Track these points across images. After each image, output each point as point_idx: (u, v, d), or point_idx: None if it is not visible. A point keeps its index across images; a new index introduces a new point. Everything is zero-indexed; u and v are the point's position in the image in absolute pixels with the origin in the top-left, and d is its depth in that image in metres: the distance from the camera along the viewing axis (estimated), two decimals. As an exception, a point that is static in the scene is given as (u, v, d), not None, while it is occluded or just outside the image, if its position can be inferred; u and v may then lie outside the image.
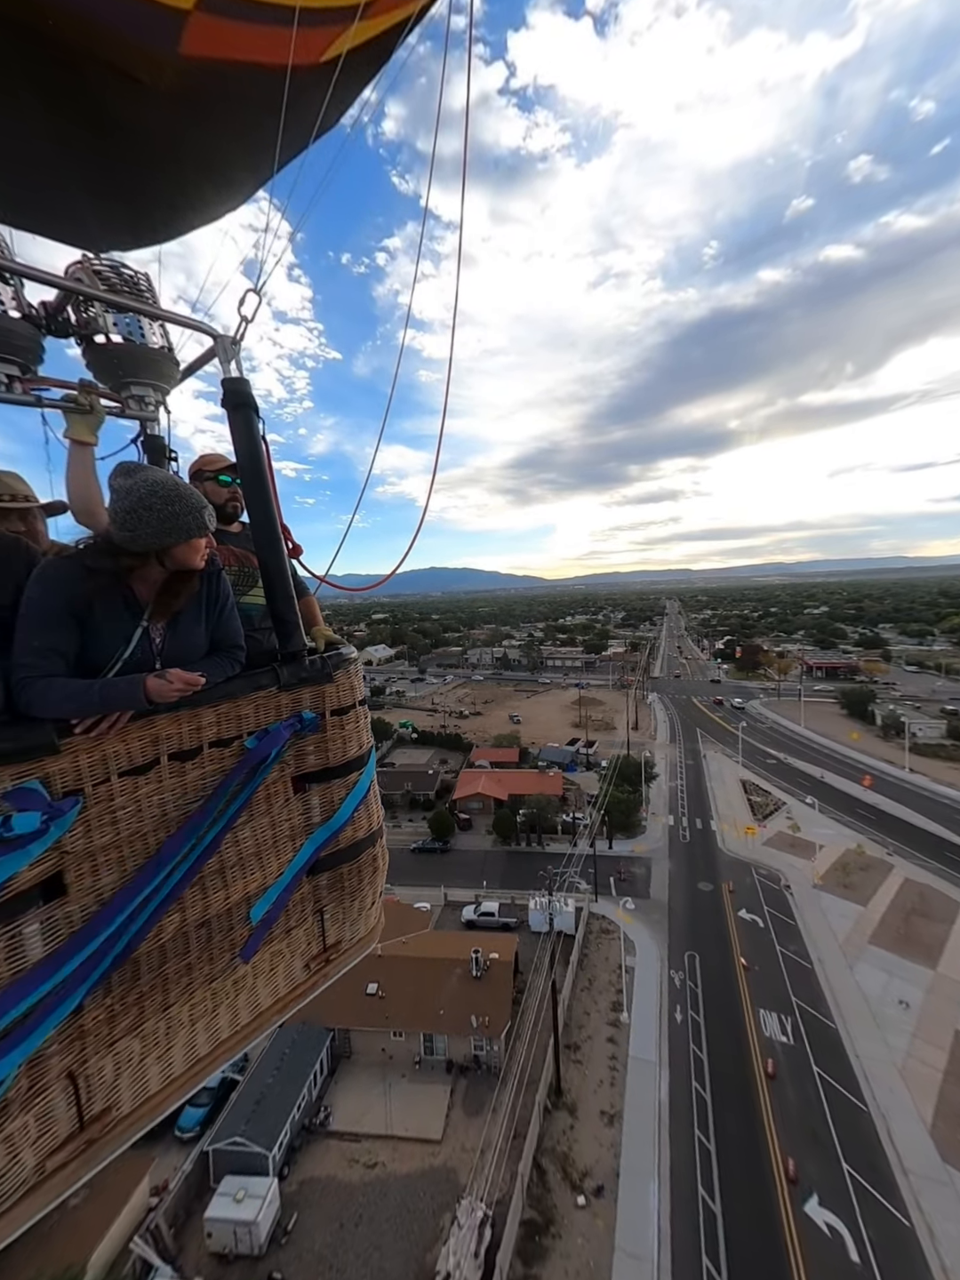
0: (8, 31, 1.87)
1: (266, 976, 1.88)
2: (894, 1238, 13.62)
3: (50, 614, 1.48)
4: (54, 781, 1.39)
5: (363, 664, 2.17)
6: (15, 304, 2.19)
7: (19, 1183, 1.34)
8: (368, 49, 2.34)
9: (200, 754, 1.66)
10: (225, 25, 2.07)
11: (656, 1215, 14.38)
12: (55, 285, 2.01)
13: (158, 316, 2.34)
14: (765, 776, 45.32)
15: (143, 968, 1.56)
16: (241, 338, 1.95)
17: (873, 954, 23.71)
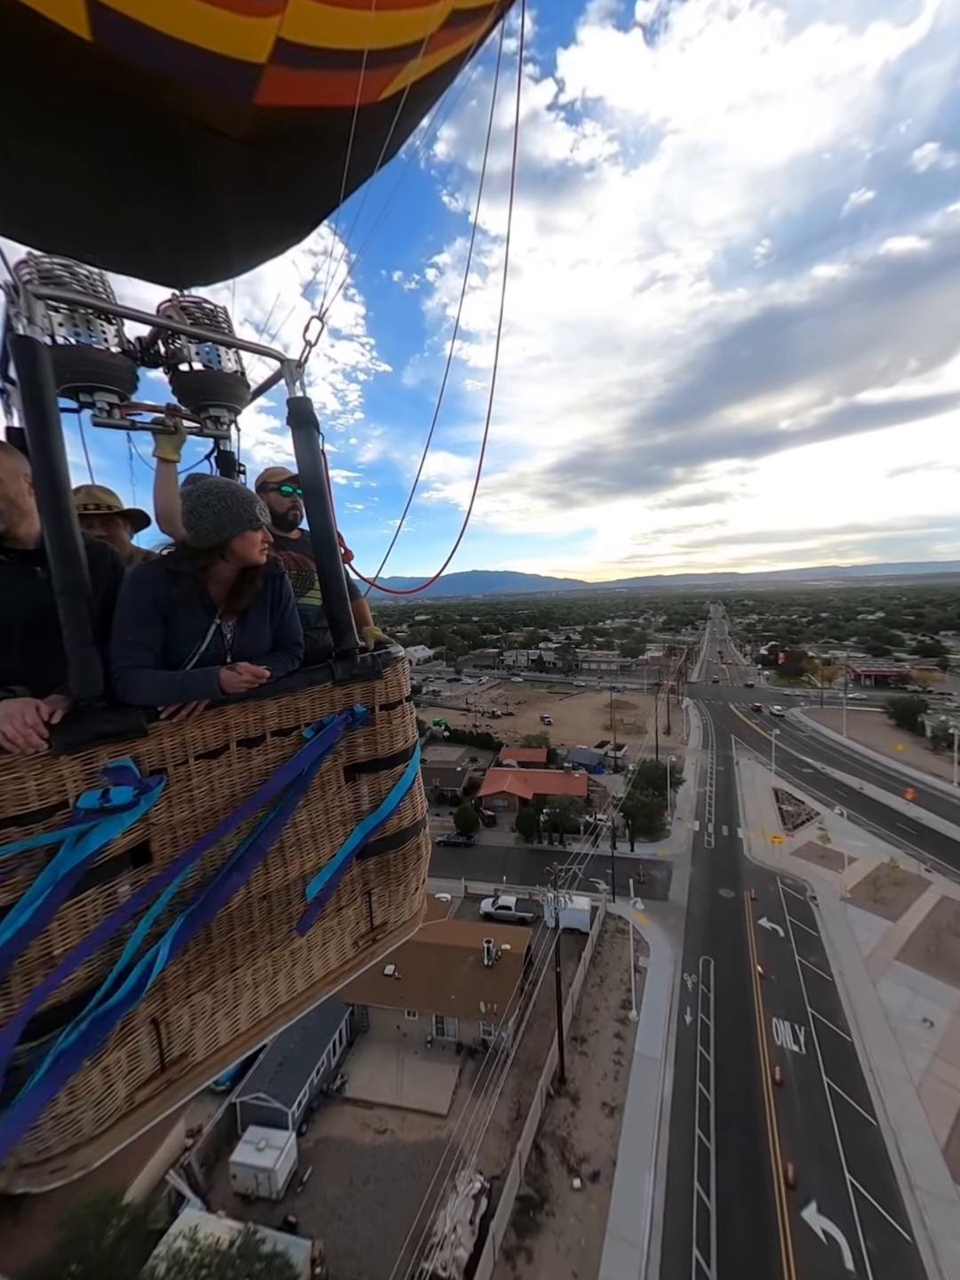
0: (98, 96, 2.06)
1: (319, 949, 2.02)
2: (894, 1251, 13.32)
3: (140, 612, 1.64)
4: (143, 761, 1.54)
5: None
6: (116, 341, 2.36)
7: (113, 1110, 1.51)
8: (428, 81, 2.42)
9: (264, 741, 1.81)
10: (297, 75, 2.16)
11: (650, 1205, 14.58)
12: (151, 323, 2.21)
13: (233, 345, 2.46)
14: (800, 786, 43.71)
15: (214, 932, 1.71)
16: (305, 360, 2.09)
17: (899, 970, 22.77)
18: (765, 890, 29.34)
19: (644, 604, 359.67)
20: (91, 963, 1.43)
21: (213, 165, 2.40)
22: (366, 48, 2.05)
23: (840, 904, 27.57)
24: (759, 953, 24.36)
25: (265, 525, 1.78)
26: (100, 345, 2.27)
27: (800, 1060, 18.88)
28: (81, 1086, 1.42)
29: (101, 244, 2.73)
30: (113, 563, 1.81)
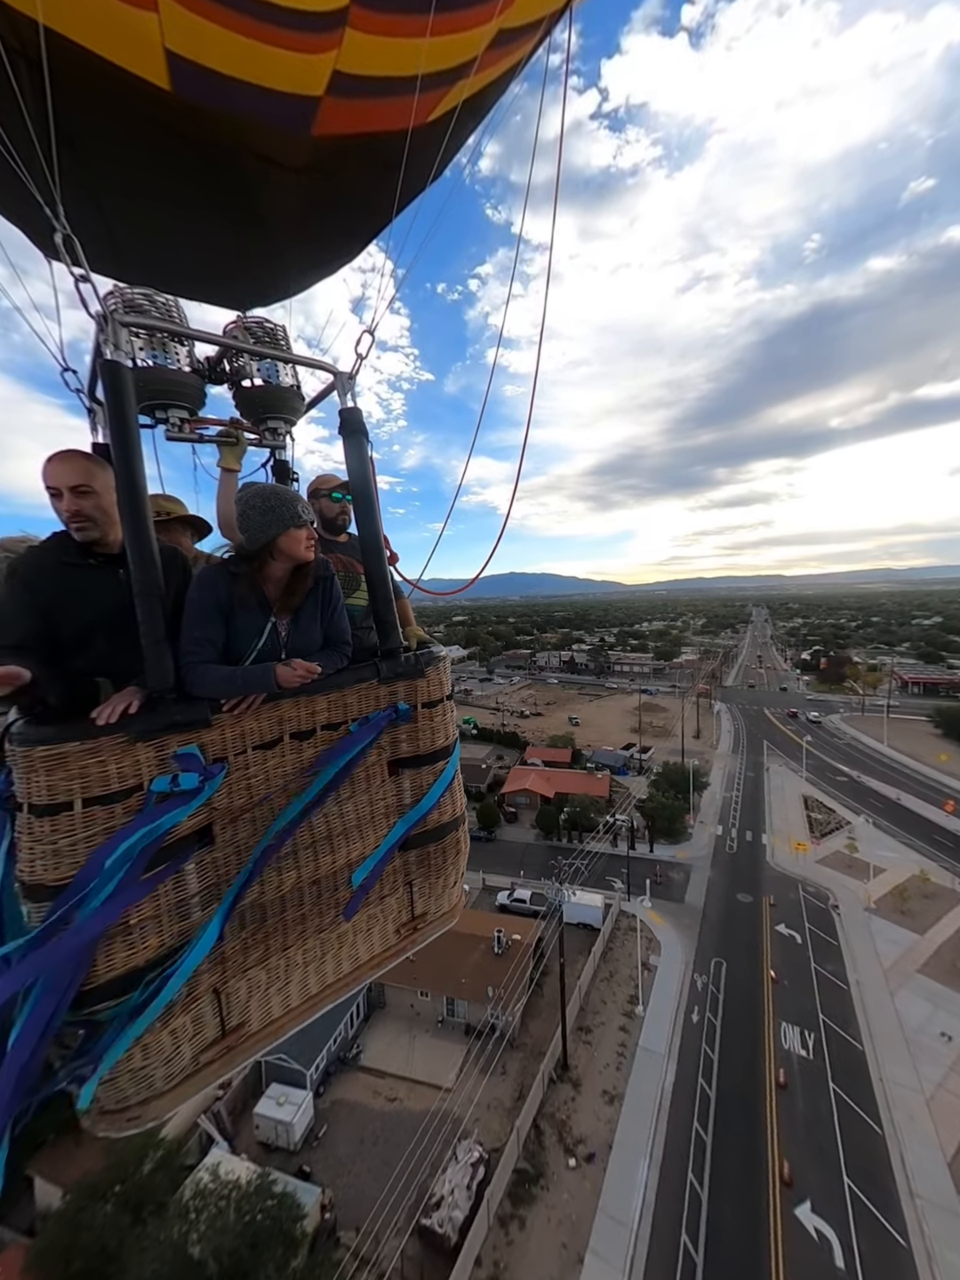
0: (172, 138, 2.16)
1: (364, 935, 2.10)
2: (887, 1254, 13.19)
3: (205, 611, 1.74)
4: (207, 750, 1.63)
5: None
6: (188, 361, 2.48)
7: (180, 1069, 1.62)
8: (476, 99, 2.48)
9: (314, 735, 1.89)
10: (351, 104, 2.23)
11: (643, 1188, 14.91)
12: (218, 343, 2.31)
13: (291, 360, 2.54)
14: (832, 794, 42.20)
15: (268, 912, 1.81)
16: (357, 372, 2.16)
17: (920, 983, 22.00)
18: (785, 897, 28.72)
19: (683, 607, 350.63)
20: (162, 932, 1.56)
21: (272, 194, 2.53)
22: (419, 73, 2.08)
23: (864, 914, 26.71)
24: (773, 957, 23.99)
25: (309, 523, 1.85)
26: (174, 366, 2.40)
27: (807, 1065, 18.64)
28: (154, 1045, 1.54)
29: (173, 272, 2.92)
30: (183, 566, 1.93)
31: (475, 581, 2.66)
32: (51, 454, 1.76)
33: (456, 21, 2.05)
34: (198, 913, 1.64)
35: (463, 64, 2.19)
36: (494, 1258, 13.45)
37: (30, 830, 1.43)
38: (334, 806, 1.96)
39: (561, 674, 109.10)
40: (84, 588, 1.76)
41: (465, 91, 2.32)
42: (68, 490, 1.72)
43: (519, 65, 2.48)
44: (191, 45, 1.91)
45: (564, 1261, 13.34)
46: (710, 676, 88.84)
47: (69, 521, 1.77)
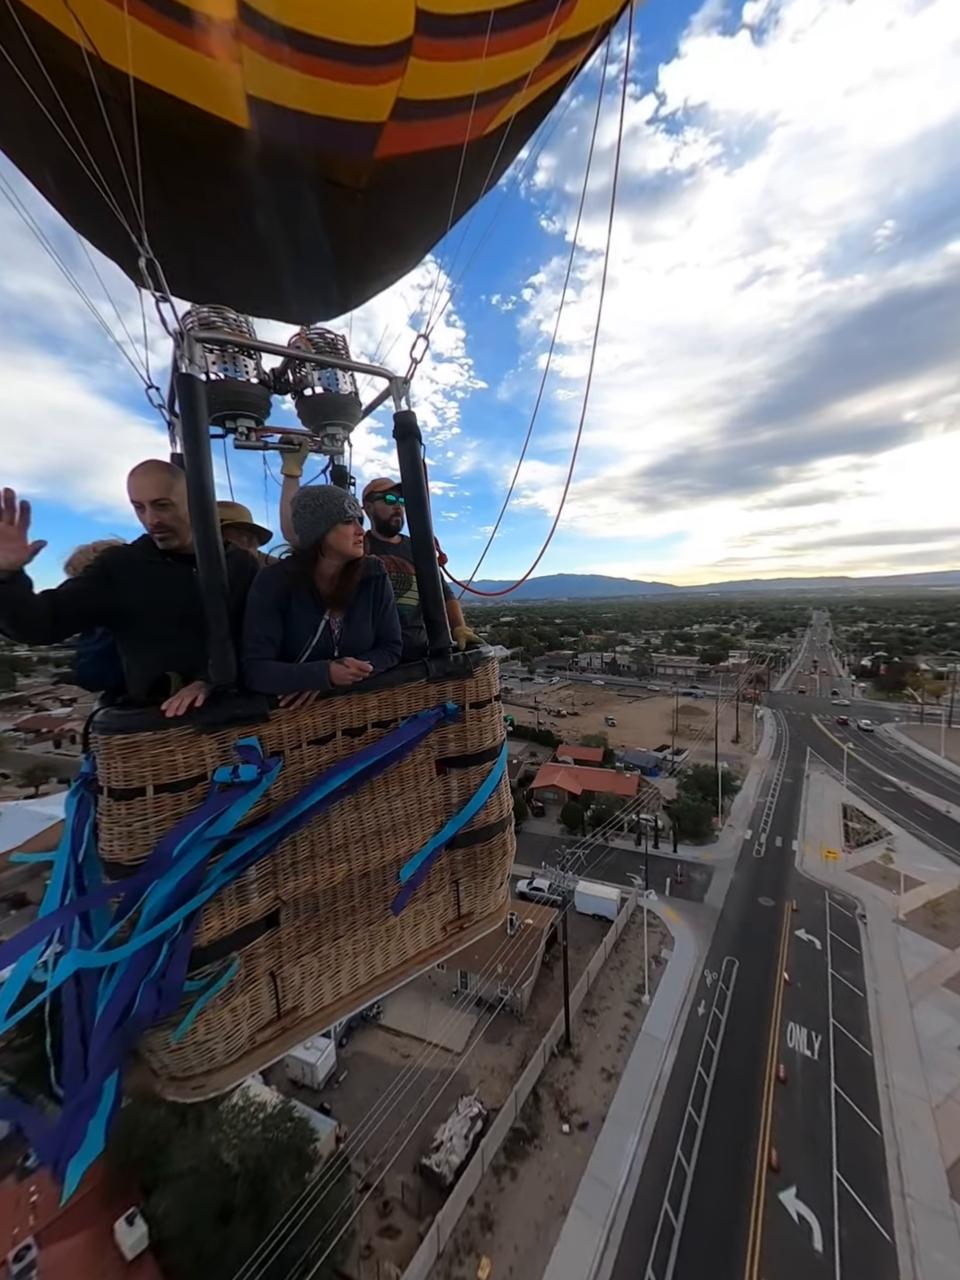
0: (247, 169, 2.25)
1: (411, 930, 2.13)
2: (869, 1245, 13.26)
3: (263, 609, 1.82)
4: (265, 743, 1.72)
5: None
6: (255, 373, 2.53)
7: (239, 1045, 1.74)
8: (531, 108, 2.51)
9: (365, 732, 1.93)
10: (413, 126, 2.29)
11: (630, 1158, 15.58)
12: (283, 354, 2.38)
13: (350, 368, 2.59)
14: (875, 804, 40.20)
15: (320, 902, 1.87)
16: (411, 377, 2.17)
17: (944, 997, 21.14)
18: (810, 903, 28.02)
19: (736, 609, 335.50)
20: (224, 915, 1.64)
21: (336, 215, 2.63)
22: (477, 90, 2.12)
23: (892, 925, 25.72)
24: (789, 960, 23.67)
25: (357, 519, 1.89)
26: (243, 378, 2.46)
27: (810, 1064, 18.54)
28: (215, 1021, 1.61)
29: (245, 291, 3.06)
30: (250, 568, 1.98)
31: (523, 583, 2.71)
32: (134, 467, 1.85)
33: (514, 39, 2.09)
34: (255, 898, 1.71)
35: (519, 77, 2.23)
36: (485, 1200, 14.59)
37: (109, 812, 1.53)
38: (383, 803, 1.99)
39: (603, 675, 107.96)
40: (163, 585, 1.85)
41: (520, 103, 2.37)
42: (149, 504, 1.81)
43: (573, 72, 2.51)
44: (269, 88, 2.05)
45: (549, 1211, 14.29)
46: (754, 680, 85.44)
47: (152, 532, 1.89)
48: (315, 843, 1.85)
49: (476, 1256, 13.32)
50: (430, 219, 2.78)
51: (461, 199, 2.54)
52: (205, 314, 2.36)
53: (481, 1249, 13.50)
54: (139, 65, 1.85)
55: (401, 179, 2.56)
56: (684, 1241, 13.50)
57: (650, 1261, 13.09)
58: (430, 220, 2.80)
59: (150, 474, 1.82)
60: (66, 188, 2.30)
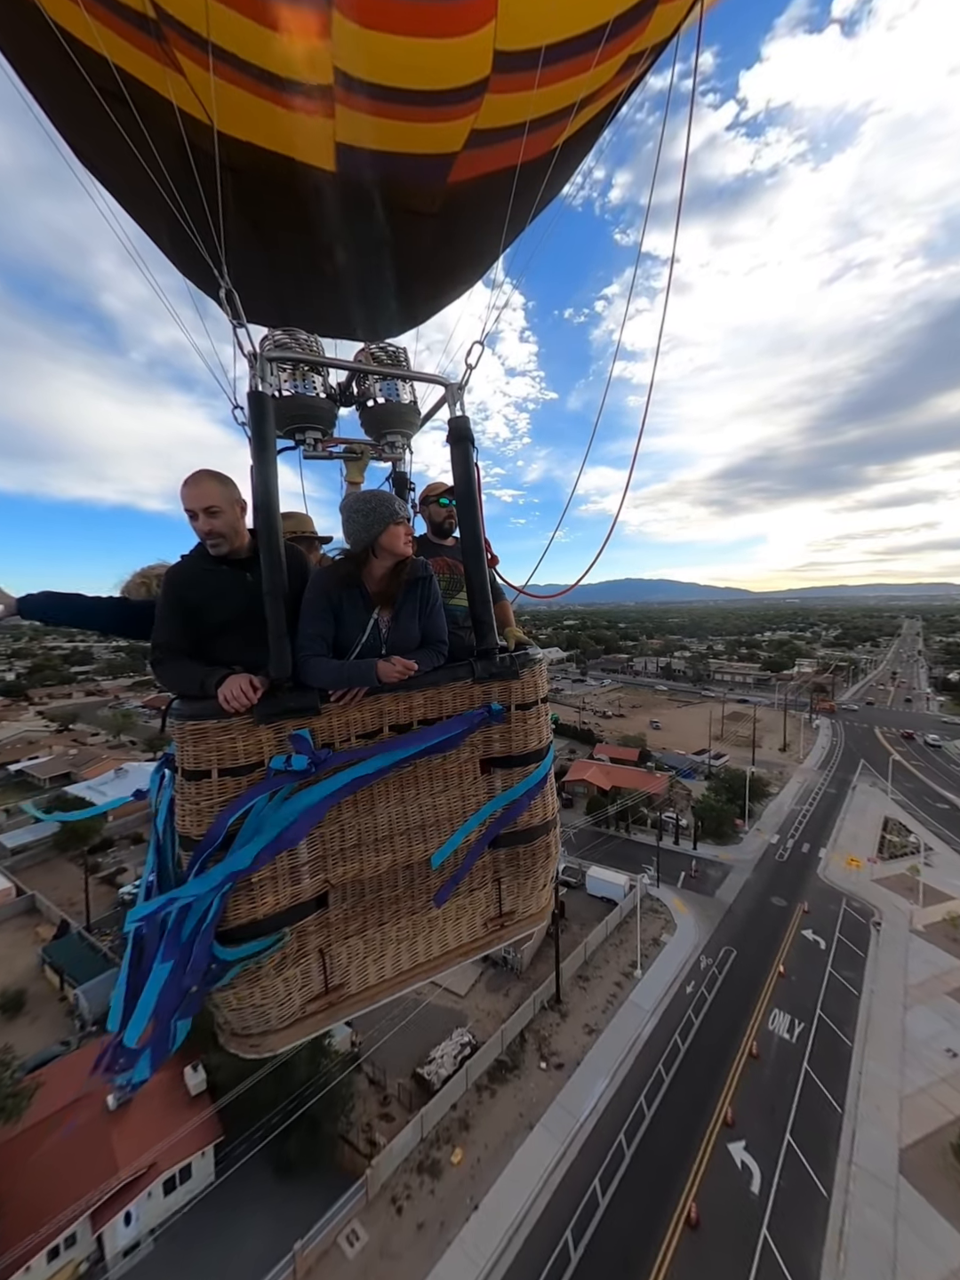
0: (331, 207, 2.42)
1: (453, 923, 2.21)
2: (804, 1196, 14.15)
3: (317, 609, 1.92)
4: (317, 736, 1.81)
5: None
6: (323, 388, 2.66)
7: (291, 1013, 1.86)
8: (598, 119, 2.61)
9: (411, 729, 2.01)
10: (484, 152, 2.41)
11: (596, 1098, 17.25)
12: (350, 369, 2.56)
13: (408, 378, 2.69)
14: (924, 819, 37.81)
15: (366, 889, 1.97)
16: (466, 383, 2.27)
17: (945, 1005, 20.63)
18: (824, 907, 27.60)
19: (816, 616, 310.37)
20: (278, 892, 1.77)
21: (409, 240, 2.77)
22: (546, 112, 2.22)
23: (908, 935, 24.95)
24: (789, 955, 23.85)
25: (406, 520, 2.00)
26: (311, 393, 2.57)
27: (786, 1046, 19.12)
28: (271, 989, 1.78)
29: (319, 314, 3.19)
30: (301, 568, 2.07)
31: (575, 587, 2.70)
32: (186, 477, 1.93)
33: (585, 62, 2.13)
34: (306, 880, 1.82)
35: (588, 95, 2.25)
36: (465, 1107, 16.94)
37: (182, 790, 1.70)
38: (428, 799, 2.07)
39: (656, 679, 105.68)
40: (221, 590, 1.96)
41: (587, 116, 2.40)
42: (201, 512, 1.90)
43: (639, 81, 2.51)
44: (356, 135, 2.20)
45: (517, 1125, 16.38)
46: (816, 690, 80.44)
47: (204, 539, 1.96)
48: (362, 832, 1.93)
49: (452, 1146, 15.72)
50: (496, 234, 2.82)
51: (528, 213, 2.65)
52: (280, 336, 2.47)
53: (457, 1141, 15.88)
54: (248, 129, 2.00)
55: (471, 200, 2.65)
56: (631, 1166, 15.09)
57: (598, 1176, 14.83)
58: (496, 235, 2.83)
59: (202, 483, 1.90)
60: (173, 236, 2.49)
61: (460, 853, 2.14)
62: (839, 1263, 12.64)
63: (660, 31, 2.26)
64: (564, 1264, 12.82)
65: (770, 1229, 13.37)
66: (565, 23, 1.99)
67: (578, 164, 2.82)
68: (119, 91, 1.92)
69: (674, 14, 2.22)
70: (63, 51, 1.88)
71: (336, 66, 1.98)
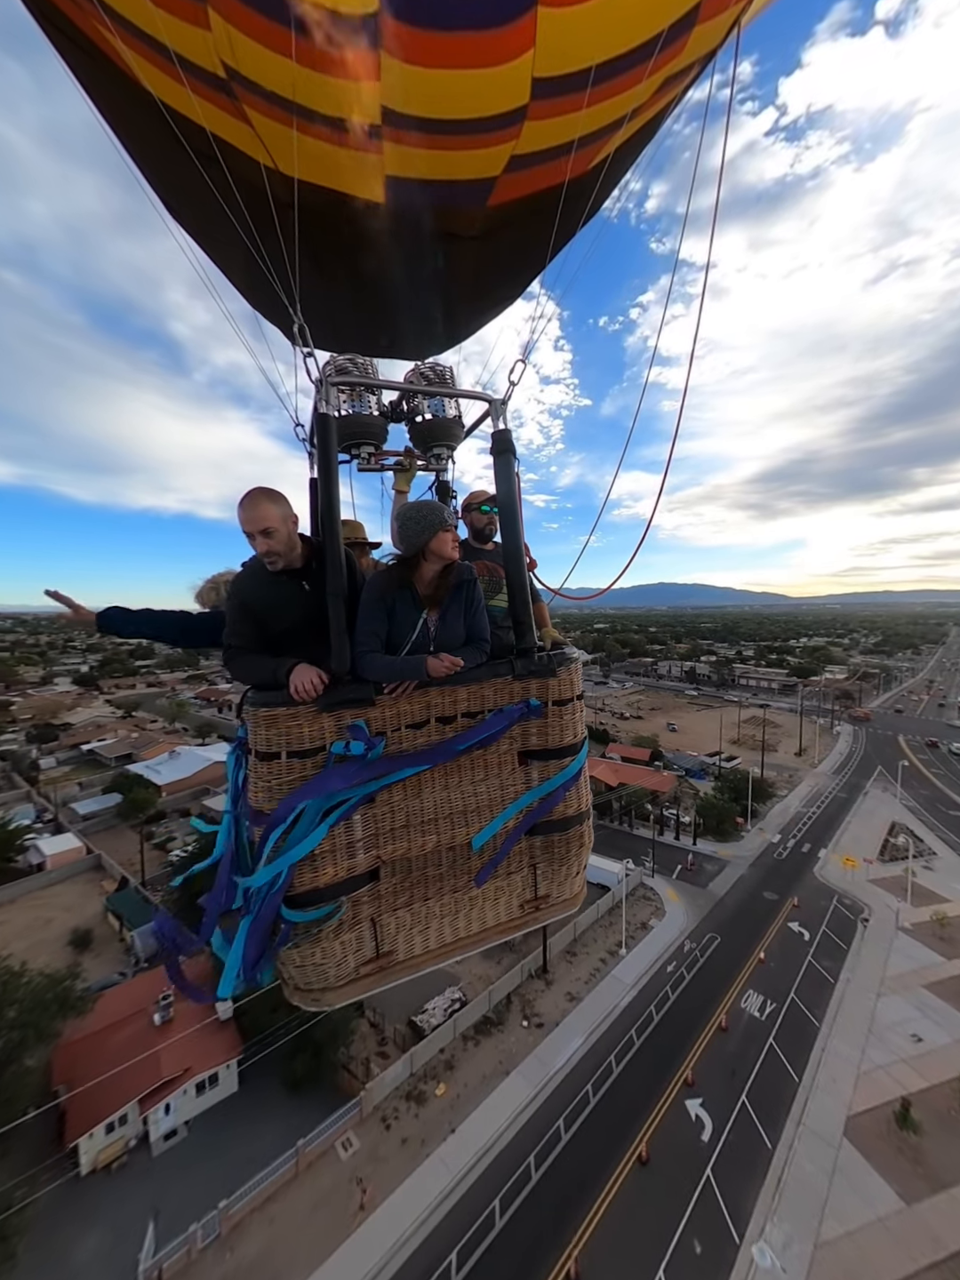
0: (379, 236, 2.50)
1: (491, 902, 2.33)
2: (749, 1147, 15.18)
3: (373, 608, 2.07)
4: (371, 725, 1.95)
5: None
6: (376, 406, 2.83)
7: (346, 974, 2.01)
8: (637, 136, 2.60)
9: (455, 721, 2.14)
10: (523, 174, 2.43)
11: (571, 1052, 18.69)
12: (400, 389, 2.75)
13: (454, 394, 2.85)
14: (933, 825, 36.99)
15: (413, 866, 2.12)
16: (509, 398, 2.37)
17: (918, 995, 20.89)
18: (815, 903, 27.86)
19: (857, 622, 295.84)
20: (336, 865, 1.94)
21: (452, 262, 2.87)
22: (584, 134, 2.22)
23: (894, 932, 25.04)
24: (771, 945, 24.45)
25: (454, 527, 2.13)
26: (367, 411, 2.76)
27: (755, 1022, 19.94)
28: (328, 950, 1.94)
29: (371, 337, 3.37)
30: (356, 571, 2.27)
31: (608, 590, 2.78)
32: (242, 499, 2.06)
33: (624, 82, 2.15)
34: (361, 855, 1.99)
35: (626, 113, 2.27)
36: (451, 1052, 18.72)
37: (255, 770, 1.88)
38: (469, 786, 2.19)
39: (680, 683, 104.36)
40: (281, 600, 2.14)
41: (625, 135, 2.41)
42: (259, 534, 2.03)
43: (679, 98, 2.55)
44: (404, 167, 2.30)
45: (495, 1070, 18.02)
46: (842, 696, 77.91)
47: (262, 559, 2.11)
48: (410, 814, 2.09)
49: (437, 1082, 17.53)
50: (536, 252, 2.88)
51: (567, 230, 2.68)
52: (341, 361, 2.62)
53: (442, 1079, 17.68)
54: (303, 169, 2.12)
55: (510, 221, 2.70)
56: (594, 1111, 16.50)
57: (563, 1117, 16.31)
58: (536, 253, 2.89)
59: (258, 506, 2.03)
60: (247, 274, 2.66)
61: (499, 838, 2.24)
62: (773, 1203, 13.70)
63: (697, 50, 2.28)
64: (525, 1181, 14.41)
65: (714, 1172, 14.52)
66: (604, 47, 2.01)
67: (615, 183, 2.82)
68: (210, 152, 2.11)
69: (711, 35, 2.23)
70: (154, 110, 2.05)
71: (384, 104, 2.07)
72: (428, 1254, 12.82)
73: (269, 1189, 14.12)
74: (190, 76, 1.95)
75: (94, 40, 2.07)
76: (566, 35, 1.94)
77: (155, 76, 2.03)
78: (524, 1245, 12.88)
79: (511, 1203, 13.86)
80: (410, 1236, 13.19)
